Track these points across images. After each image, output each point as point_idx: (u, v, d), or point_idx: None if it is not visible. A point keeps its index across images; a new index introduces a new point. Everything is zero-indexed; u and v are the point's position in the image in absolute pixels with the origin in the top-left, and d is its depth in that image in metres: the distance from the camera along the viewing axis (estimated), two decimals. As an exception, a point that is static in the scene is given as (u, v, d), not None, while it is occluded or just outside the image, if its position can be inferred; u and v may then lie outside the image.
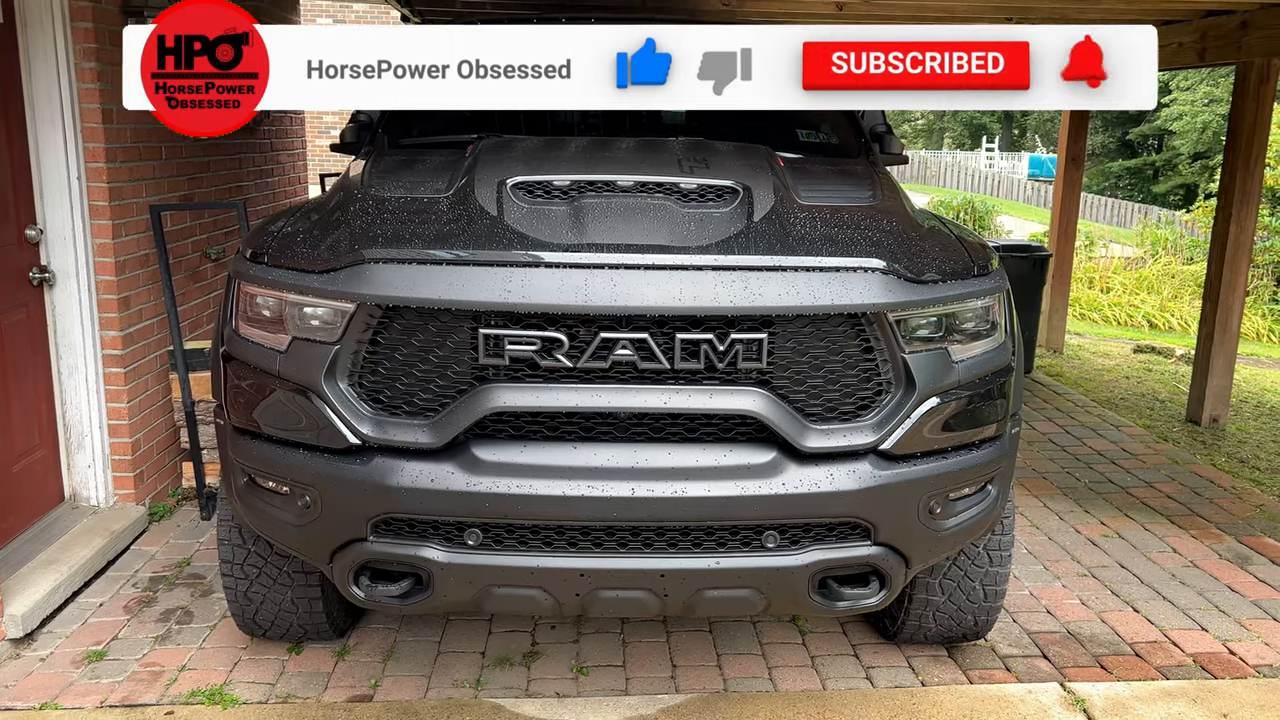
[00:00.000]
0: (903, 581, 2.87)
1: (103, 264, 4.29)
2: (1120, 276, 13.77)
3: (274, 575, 3.26)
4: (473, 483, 2.59)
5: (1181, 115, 31.45)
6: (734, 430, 2.67)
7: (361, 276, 2.59)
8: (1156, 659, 3.61)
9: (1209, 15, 6.43)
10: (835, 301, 2.58)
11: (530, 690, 3.34)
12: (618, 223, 2.74)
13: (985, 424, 2.89)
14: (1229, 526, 4.82)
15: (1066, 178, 8.66)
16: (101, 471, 4.45)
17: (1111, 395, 7.43)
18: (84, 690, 3.28)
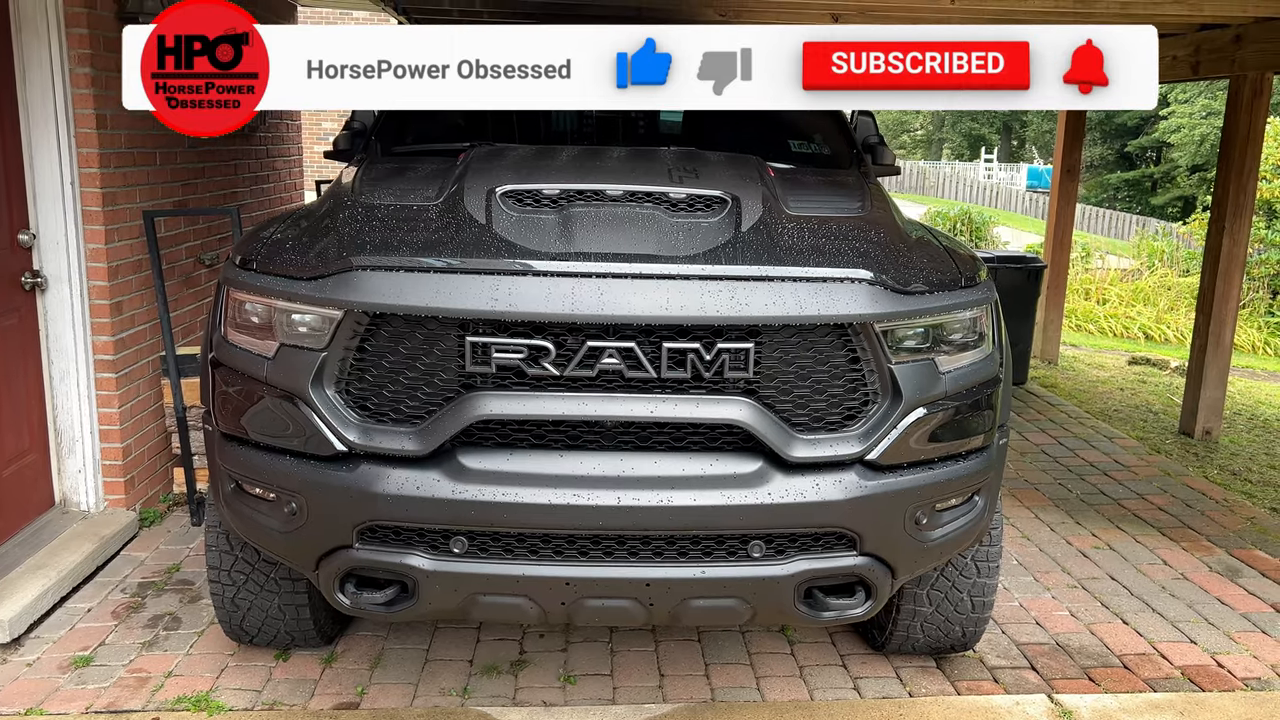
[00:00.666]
0: (889, 592, 2.87)
1: (95, 269, 4.29)
2: (1116, 288, 13.79)
3: (261, 582, 3.26)
4: (458, 490, 2.59)
5: (1180, 128, 31.50)
6: (720, 440, 2.68)
7: (349, 284, 2.60)
8: (1144, 671, 3.61)
9: (1203, 29, 6.46)
10: (821, 312, 2.59)
11: (517, 699, 3.33)
12: (606, 232, 2.75)
13: (972, 435, 2.90)
14: (1220, 539, 4.83)
15: (1062, 189, 8.68)
16: (92, 476, 4.45)
17: (1105, 407, 7.43)
18: (70, 696, 3.27)
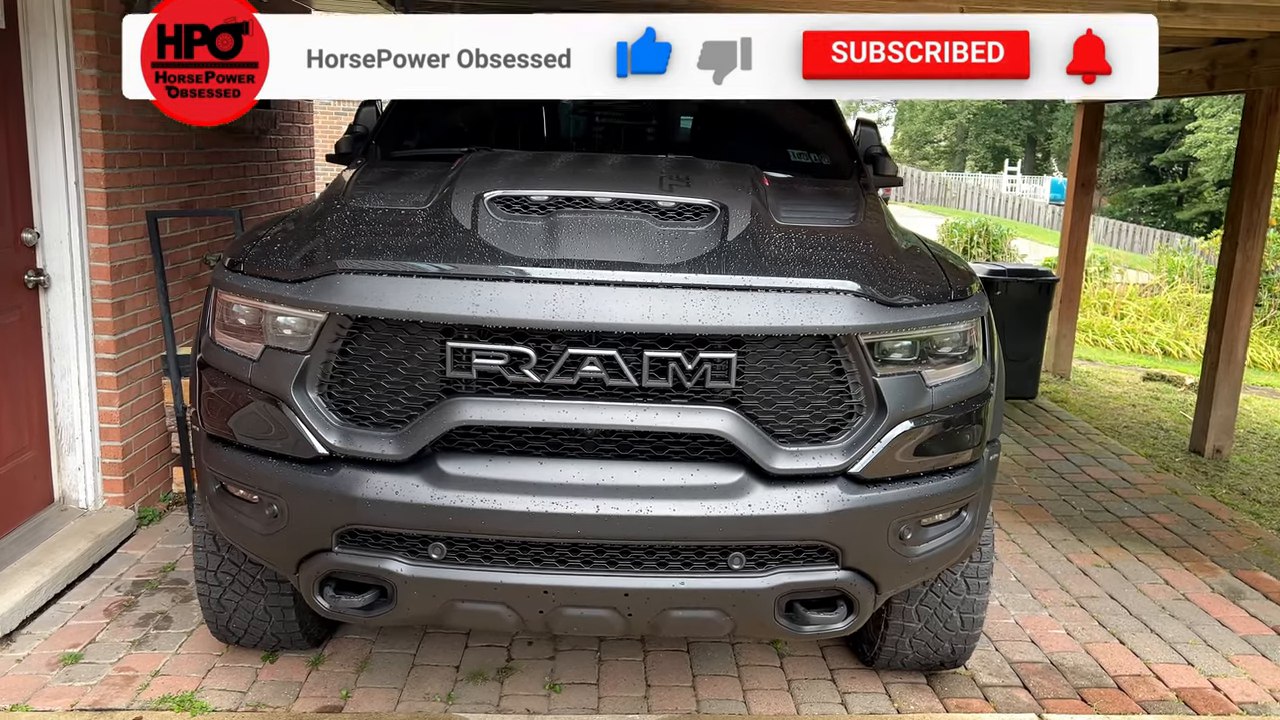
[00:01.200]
0: (872, 607, 2.84)
1: (98, 268, 4.32)
2: (1135, 303, 13.64)
3: (246, 583, 3.26)
4: (437, 496, 2.58)
5: (1206, 142, 31.19)
6: (701, 450, 2.66)
7: (332, 287, 2.60)
8: (1139, 693, 3.55)
9: (1218, 43, 6.40)
10: (805, 323, 2.57)
11: (501, 706, 3.32)
12: (591, 239, 2.74)
13: (960, 449, 2.86)
14: (1224, 559, 4.75)
15: (1076, 202, 8.61)
16: (91, 474, 4.48)
17: (1116, 423, 7.35)
18: (56, 693, 3.29)
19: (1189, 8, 5.10)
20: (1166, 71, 6.97)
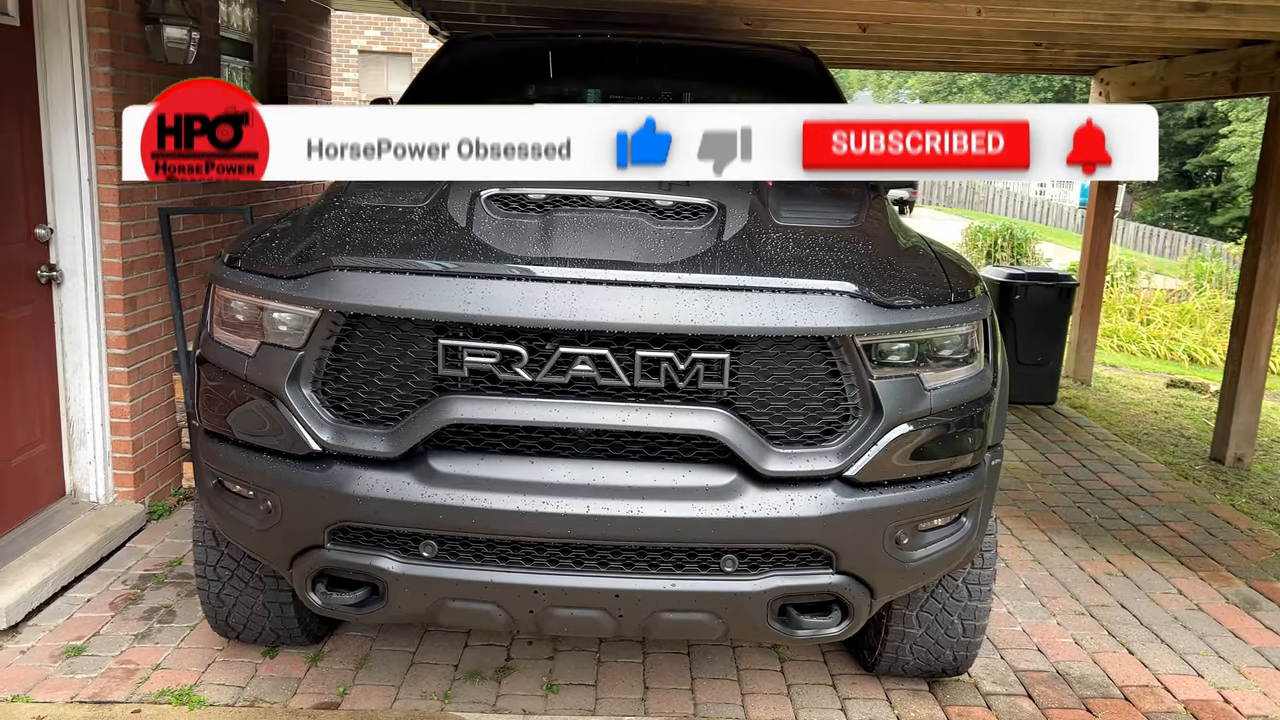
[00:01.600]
0: (868, 612, 2.80)
1: (110, 264, 4.36)
2: (1162, 309, 13.46)
3: (245, 578, 3.27)
4: (428, 494, 2.58)
5: (1240, 146, 30.72)
6: (694, 450, 2.64)
7: (326, 283, 2.60)
8: (1145, 704, 3.49)
9: (1244, 45, 6.29)
10: (799, 324, 2.54)
11: (498, 706, 3.31)
12: (586, 238, 2.73)
13: (959, 454, 2.82)
14: (1240, 570, 4.67)
15: (1099, 206, 8.51)
16: (102, 468, 4.52)
17: (1136, 430, 7.25)
18: (57, 684, 3.31)
19: (1210, 8, 5.02)
20: (1191, 74, 6.91)
